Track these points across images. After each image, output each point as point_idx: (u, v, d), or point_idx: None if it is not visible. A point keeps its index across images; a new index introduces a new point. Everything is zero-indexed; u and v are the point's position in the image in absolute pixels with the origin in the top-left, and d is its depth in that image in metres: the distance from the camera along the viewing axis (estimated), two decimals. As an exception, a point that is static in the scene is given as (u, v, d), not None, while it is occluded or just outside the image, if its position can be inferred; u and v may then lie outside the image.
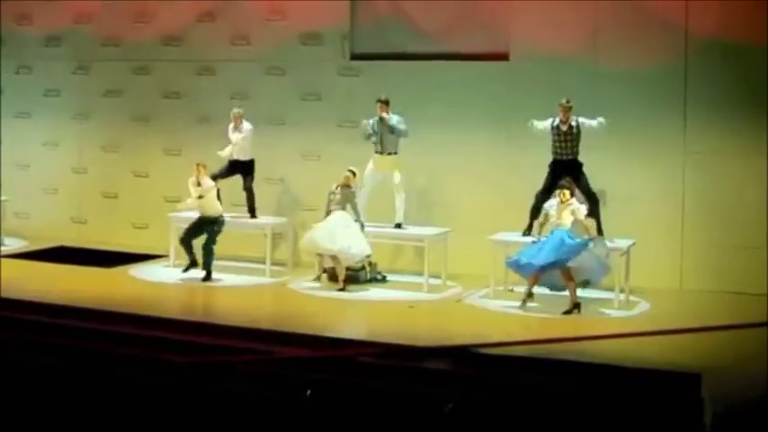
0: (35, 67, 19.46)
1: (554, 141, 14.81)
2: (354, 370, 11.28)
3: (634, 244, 14.56)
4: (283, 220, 16.62)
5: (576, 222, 13.91)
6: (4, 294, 14.03)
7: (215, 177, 16.07)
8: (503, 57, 16.17)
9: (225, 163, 16.53)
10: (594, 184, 14.73)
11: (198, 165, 15.62)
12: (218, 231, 15.55)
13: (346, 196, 15.20)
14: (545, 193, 14.68)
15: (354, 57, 17.16)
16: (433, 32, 16.58)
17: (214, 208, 15.60)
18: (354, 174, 15.35)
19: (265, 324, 13.06)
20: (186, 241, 15.57)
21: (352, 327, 13.70)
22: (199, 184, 15.48)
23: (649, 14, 15.35)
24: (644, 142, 15.46)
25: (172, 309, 14.54)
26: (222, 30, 17.90)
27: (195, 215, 15.67)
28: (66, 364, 11.55)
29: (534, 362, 11.25)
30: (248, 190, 16.51)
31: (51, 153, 19.36)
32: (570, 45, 15.72)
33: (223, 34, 17.91)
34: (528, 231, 14.71)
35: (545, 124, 14.83)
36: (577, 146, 14.76)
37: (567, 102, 14.74)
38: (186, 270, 15.58)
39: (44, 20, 19.25)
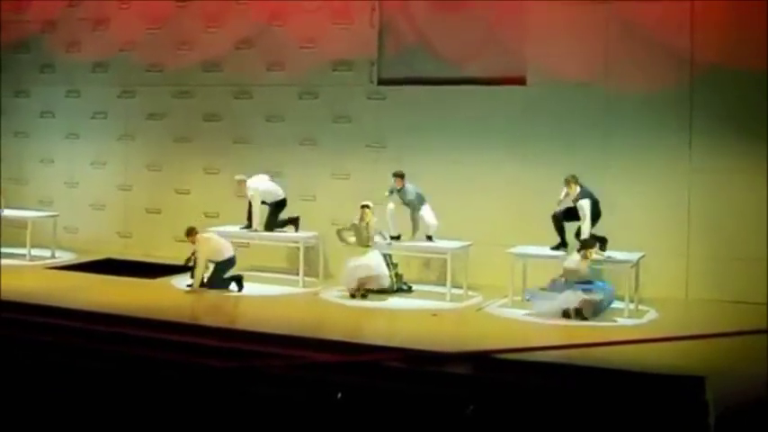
0: (83, 92, 19.59)
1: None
2: (382, 374, 11.33)
3: (643, 256, 14.61)
4: (315, 234, 16.65)
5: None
6: (55, 304, 14.22)
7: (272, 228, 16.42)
8: (520, 81, 16.24)
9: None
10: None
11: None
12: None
13: (373, 228, 15.27)
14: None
15: (381, 82, 17.26)
16: (454, 59, 16.65)
17: None
18: (369, 207, 15.27)
19: (298, 331, 13.07)
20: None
21: (379, 334, 13.72)
22: None
23: (656, 43, 15.39)
24: (652, 161, 15.50)
25: (211, 317, 14.63)
26: (259, 57, 18.02)
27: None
28: (112, 369, 11.67)
29: (549, 367, 11.27)
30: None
31: (99, 172, 19.52)
32: (583, 71, 15.78)
33: (259, 61, 18.03)
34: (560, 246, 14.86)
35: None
36: None
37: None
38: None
39: (92, 47, 19.40)
